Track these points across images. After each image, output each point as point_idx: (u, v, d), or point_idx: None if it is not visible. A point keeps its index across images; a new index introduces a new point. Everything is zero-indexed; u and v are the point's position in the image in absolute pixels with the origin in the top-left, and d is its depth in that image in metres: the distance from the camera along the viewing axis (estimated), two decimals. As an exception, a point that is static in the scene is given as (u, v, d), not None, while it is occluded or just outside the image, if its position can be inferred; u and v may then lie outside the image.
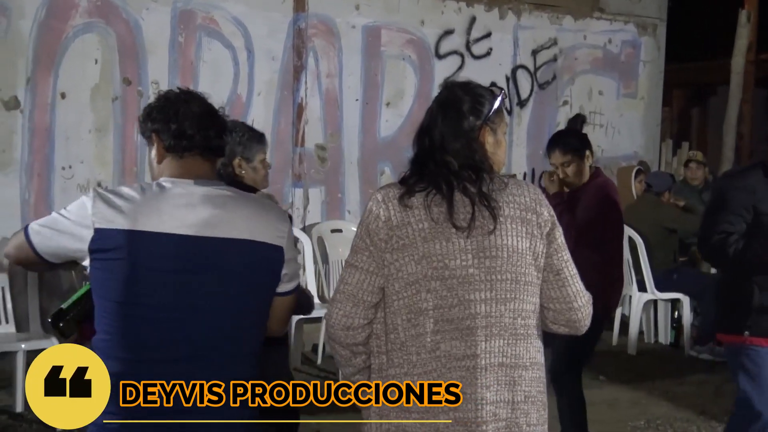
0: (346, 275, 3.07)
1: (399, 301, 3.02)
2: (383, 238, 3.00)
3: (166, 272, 2.96)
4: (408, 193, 3.02)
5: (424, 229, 2.98)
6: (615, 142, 11.07)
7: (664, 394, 7.73)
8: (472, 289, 2.98)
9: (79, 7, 7.49)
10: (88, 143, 7.59)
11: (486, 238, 2.99)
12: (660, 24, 11.35)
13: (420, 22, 9.41)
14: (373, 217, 3.02)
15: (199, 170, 3.11)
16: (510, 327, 3.02)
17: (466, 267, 2.98)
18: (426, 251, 2.98)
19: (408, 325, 3.01)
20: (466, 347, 2.98)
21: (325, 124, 8.80)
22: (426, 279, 2.98)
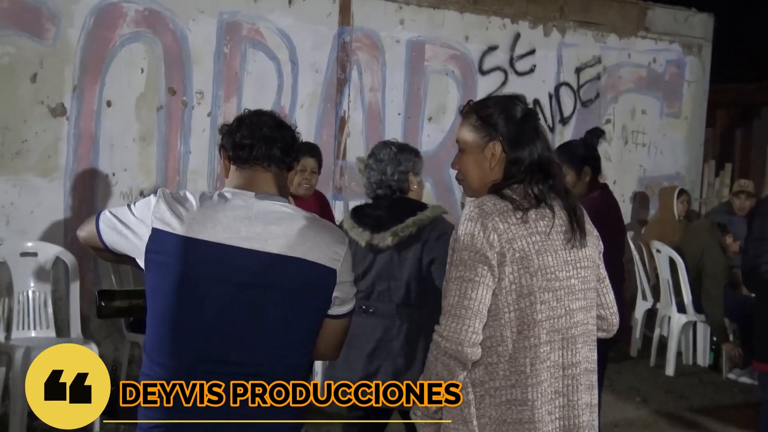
0: (466, 289, 3.03)
1: (510, 314, 3.06)
2: (499, 251, 3.03)
3: (215, 283, 2.98)
4: (520, 207, 3.08)
5: (537, 242, 3.07)
6: (657, 161, 11.01)
7: (701, 416, 7.68)
8: (574, 298, 3.14)
9: (126, 16, 7.56)
10: (132, 151, 7.64)
11: (579, 249, 3.17)
12: (705, 44, 11.30)
13: (464, 38, 9.42)
14: (490, 229, 3.03)
15: (261, 182, 3.13)
16: (592, 333, 3.23)
17: (570, 278, 3.13)
18: (541, 264, 3.06)
19: (519, 337, 3.05)
20: (571, 356, 3.13)
21: (367, 138, 8.82)
22: (540, 290, 3.06)
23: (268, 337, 3.02)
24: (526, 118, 3.23)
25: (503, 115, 3.20)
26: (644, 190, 10.91)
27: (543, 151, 3.19)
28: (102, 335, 7.41)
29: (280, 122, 3.24)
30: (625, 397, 8.17)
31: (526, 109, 3.25)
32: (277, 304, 3.02)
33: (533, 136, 3.20)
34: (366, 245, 4.60)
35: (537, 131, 3.22)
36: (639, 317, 9.63)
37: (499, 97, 3.33)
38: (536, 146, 3.18)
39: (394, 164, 4.71)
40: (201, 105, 7.95)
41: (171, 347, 3.00)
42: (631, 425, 7.44)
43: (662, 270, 9.22)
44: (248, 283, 2.99)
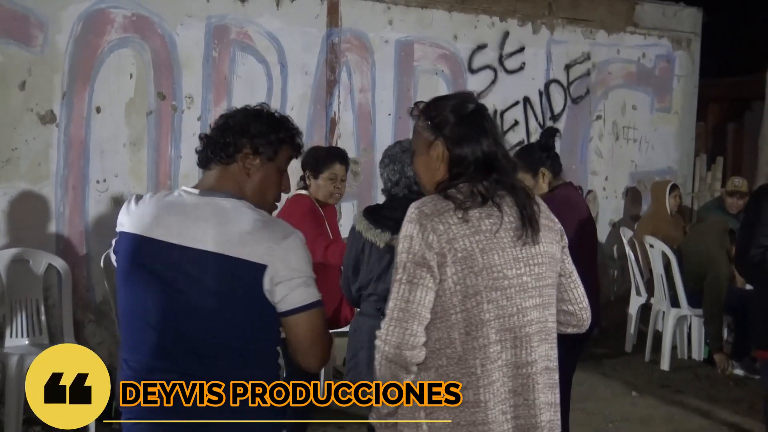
0: (404, 292, 2.99)
1: (457, 315, 2.99)
2: (439, 252, 2.97)
3: (150, 277, 3.07)
4: (461, 207, 3.02)
5: (481, 240, 3.00)
6: (649, 156, 11.03)
7: (697, 410, 7.69)
8: (527, 296, 3.06)
9: (114, 22, 7.55)
10: (123, 157, 7.64)
11: (532, 246, 3.09)
12: (694, 38, 11.32)
13: (453, 37, 9.43)
14: (429, 230, 2.98)
15: (206, 182, 3.20)
16: (551, 331, 3.16)
17: (521, 275, 3.05)
18: (486, 262, 2.99)
19: (467, 338, 2.99)
20: (526, 354, 3.05)
21: (358, 139, 8.82)
22: (487, 290, 2.99)
23: (198, 334, 3.05)
24: (471, 115, 3.15)
25: (447, 114, 3.15)
26: (636, 186, 10.94)
27: (489, 147, 3.11)
28: (96, 341, 7.41)
29: (254, 113, 3.27)
30: (620, 392, 8.18)
31: (471, 106, 3.18)
32: (205, 300, 3.03)
33: (477, 134, 3.12)
34: (385, 246, 4.54)
35: (482, 128, 3.14)
36: (633, 312, 9.64)
37: (445, 97, 3.28)
38: (480, 143, 3.11)
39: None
40: (191, 109, 7.94)
41: (126, 343, 3.14)
42: (626, 420, 7.44)
43: (655, 265, 9.23)
44: (177, 278, 3.04)
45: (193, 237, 3.04)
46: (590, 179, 10.60)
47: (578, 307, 3.31)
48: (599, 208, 10.67)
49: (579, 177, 10.48)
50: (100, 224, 7.51)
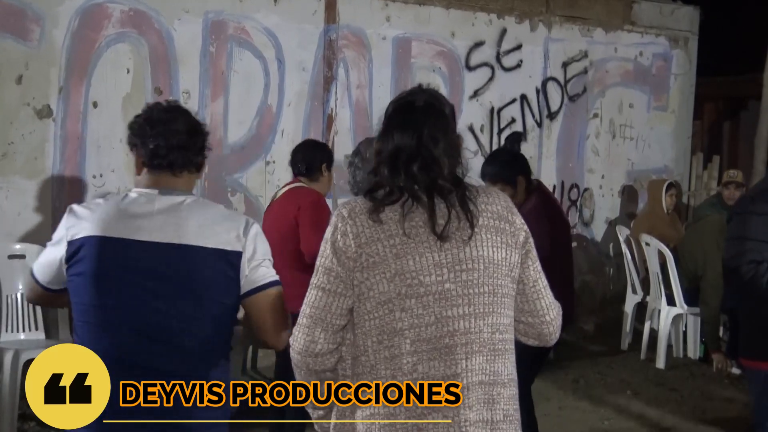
0: (311, 298, 2.89)
1: (370, 322, 2.84)
2: (351, 256, 2.83)
3: (123, 275, 3.15)
4: (377, 208, 2.85)
5: (396, 245, 2.81)
6: (645, 155, 11.03)
7: (691, 408, 7.69)
8: (449, 305, 2.81)
9: (111, 17, 7.54)
10: (120, 152, 7.62)
11: (461, 250, 2.83)
12: (692, 37, 11.32)
13: (450, 34, 9.42)
14: (340, 233, 2.85)
15: (169, 183, 3.30)
16: (489, 342, 2.86)
17: (442, 282, 2.81)
18: (399, 268, 2.80)
19: (380, 347, 2.84)
20: (445, 367, 2.81)
21: (355, 135, 8.81)
22: (400, 297, 2.80)
23: (178, 324, 3.17)
24: (395, 110, 2.96)
25: (384, 112, 3.02)
26: (632, 184, 10.94)
27: (404, 140, 2.87)
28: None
29: (193, 126, 3.38)
30: (616, 390, 8.19)
31: (403, 100, 2.98)
32: (184, 292, 3.17)
33: (392, 128, 2.92)
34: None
35: (401, 121, 2.92)
36: (629, 310, 9.64)
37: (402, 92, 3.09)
38: (393, 137, 2.90)
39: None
40: (188, 104, 7.87)
41: (93, 342, 3.17)
42: (621, 418, 7.45)
43: (651, 263, 9.23)
44: (153, 273, 3.15)
45: (172, 233, 3.17)
46: (587, 177, 10.60)
47: (539, 320, 3.03)
48: (595, 207, 10.67)
49: (575, 175, 10.49)
50: (96, 219, 7.49)
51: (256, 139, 8.32)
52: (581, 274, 10.52)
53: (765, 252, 4.37)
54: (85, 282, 3.18)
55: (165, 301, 3.15)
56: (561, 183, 10.34)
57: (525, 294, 2.99)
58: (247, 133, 8.29)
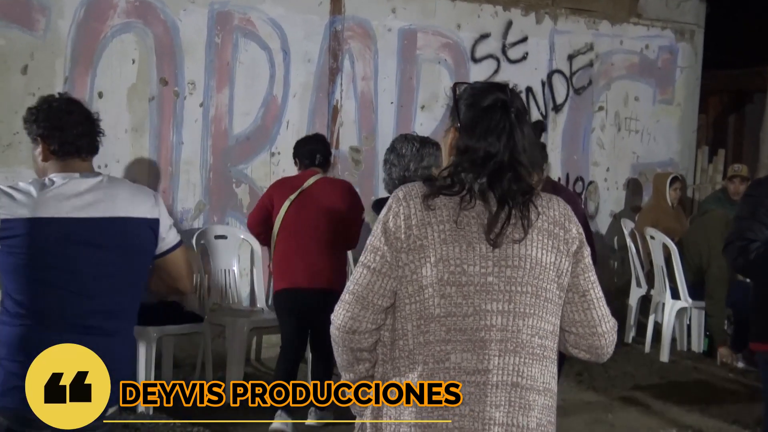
0: (357, 275, 2.90)
1: (411, 306, 2.83)
2: (400, 237, 2.82)
3: (64, 249, 3.48)
4: (433, 193, 2.84)
5: (445, 230, 2.79)
6: (650, 148, 11.01)
7: (695, 402, 7.69)
8: (489, 298, 2.79)
9: (117, 7, 7.54)
10: (125, 143, 7.64)
11: (510, 246, 2.81)
12: (698, 30, 11.30)
13: (456, 26, 9.41)
14: (393, 214, 2.85)
15: (80, 168, 3.63)
16: (527, 345, 2.81)
17: (485, 275, 2.79)
18: (444, 254, 2.78)
19: (417, 332, 2.82)
20: (477, 361, 2.78)
21: (360, 127, 8.81)
22: (441, 283, 2.78)
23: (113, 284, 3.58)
24: (491, 107, 2.90)
25: (468, 101, 2.94)
26: (637, 177, 10.92)
27: (492, 147, 2.85)
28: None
29: (89, 115, 3.74)
30: (619, 383, 8.19)
31: (496, 98, 2.91)
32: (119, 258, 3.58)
33: (493, 129, 2.87)
34: None
35: (501, 125, 2.88)
36: (633, 304, 9.64)
37: (476, 83, 3.05)
38: (487, 139, 2.87)
39: (417, 160, 4.67)
40: (193, 95, 7.94)
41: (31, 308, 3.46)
42: (625, 411, 7.45)
43: (656, 256, 9.23)
44: (92, 245, 3.52)
45: (104, 208, 3.55)
46: (591, 170, 10.59)
47: (590, 330, 2.95)
48: (600, 200, 10.66)
49: (580, 168, 10.48)
50: (101, 210, 7.50)
51: (261, 130, 8.32)
52: (586, 267, 10.51)
53: (760, 233, 4.44)
54: (28, 257, 3.45)
55: (103, 268, 3.53)
56: (566, 176, 10.33)
57: (575, 303, 2.93)
58: (252, 124, 8.28)
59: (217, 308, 7.76)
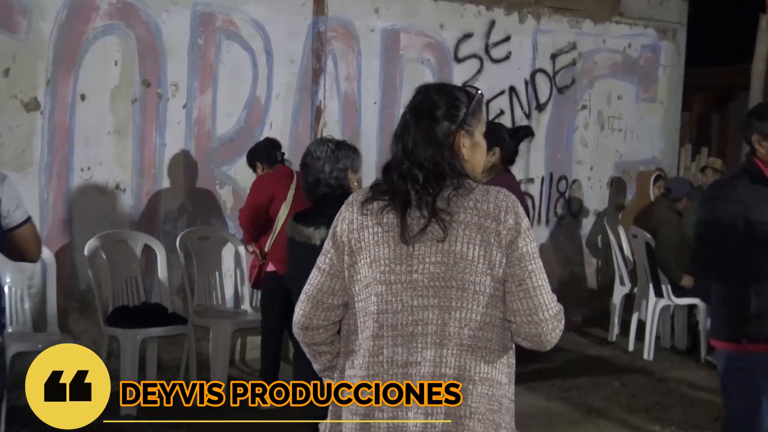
0: (310, 276, 3.11)
1: (357, 303, 3.03)
2: (344, 240, 3.01)
3: None
4: (370, 199, 3.01)
5: (378, 233, 2.96)
6: (634, 146, 11.05)
7: (679, 399, 7.72)
8: (415, 294, 2.93)
9: (99, 9, 7.53)
10: (108, 145, 7.63)
11: (434, 244, 2.92)
12: (680, 28, 11.33)
13: (439, 26, 9.42)
14: (340, 219, 3.06)
15: None
16: (455, 337, 2.92)
17: (411, 272, 2.93)
18: (376, 255, 2.96)
19: (362, 327, 3.01)
20: (407, 354, 2.93)
21: (344, 127, 8.82)
22: (375, 282, 2.96)
23: None
24: (409, 107, 3.08)
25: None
26: (621, 175, 10.96)
27: (397, 148, 3.04)
28: (79, 330, 7.40)
29: None
30: (603, 381, 8.21)
31: (416, 98, 3.08)
32: None
33: (403, 128, 3.05)
34: (321, 243, 4.50)
35: (399, 129, 3.06)
36: (617, 302, 9.68)
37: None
38: (401, 139, 3.04)
39: (332, 162, 4.63)
40: (176, 97, 7.93)
41: None
42: (609, 409, 7.47)
43: (639, 255, 9.26)
44: None
45: None
46: (575, 169, 10.62)
47: (526, 319, 2.96)
48: (584, 198, 10.69)
49: (564, 166, 10.51)
50: (84, 212, 7.51)
51: (245, 131, 8.31)
52: (570, 266, 10.56)
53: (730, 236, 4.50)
54: None
55: None
56: (549, 174, 10.36)
57: (513, 292, 2.95)
58: (236, 126, 8.28)
59: (201, 310, 7.76)
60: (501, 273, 2.94)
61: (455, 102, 3.05)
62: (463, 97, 3.07)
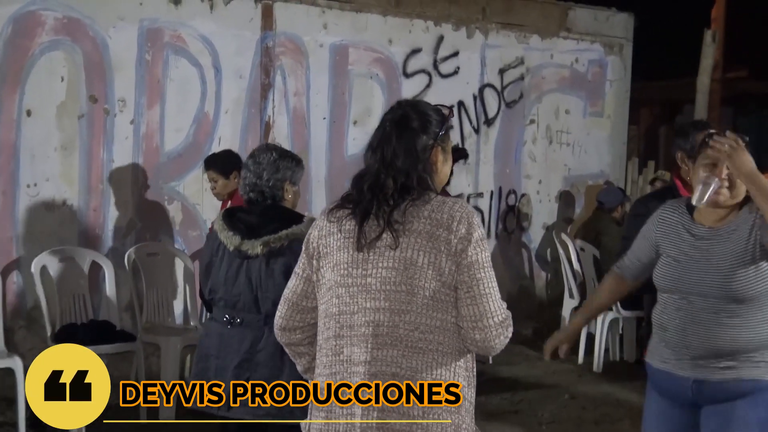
0: (289, 281, 3.38)
1: (322, 306, 3.25)
2: (315, 245, 3.26)
3: None
4: (337, 207, 3.25)
5: (341, 239, 3.18)
6: (582, 160, 11.13)
7: (628, 412, 7.77)
8: (369, 297, 3.12)
9: (45, 24, 7.47)
10: (54, 161, 7.56)
11: (387, 250, 3.11)
12: (626, 43, 11.44)
13: (388, 41, 9.44)
14: (313, 226, 3.31)
15: None
16: (405, 339, 3.09)
17: (366, 276, 3.13)
18: (338, 259, 3.18)
19: (323, 328, 3.22)
20: (361, 353, 3.11)
21: (293, 143, 8.80)
22: (336, 285, 3.17)
23: None
24: (390, 121, 3.26)
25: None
26: (570, 189, 11.03)
27: (371, 161, 3.22)
28: (26, 348, 7.31)
29: None
30: (553, 394, 8.26)
31: (384, 116, 3.30)
32: None
33: (382, 139, 3.23)
34: (234, 250, 4.55)
35: (387, 135, 3.22)
36: (566, 315, 9.74)
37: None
38: (380, 150, 3.21)
39: (272, 170, 4.63)
40: (123, 113, 7.88)
41: None
42: (559, 422, 7.52)
43: (587, 268, 9.33)
44: None
45: None
46: (524, 183, 10.68)
47: (472, 324, 3.10)
48: (533, 212, 10.75)
49: (513, 181, 10.56)
50: (30, 229, 7.43)
51: (193, 146, 8.27)
52: (519, 279, 10.61)
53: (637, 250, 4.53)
54: None
55: None
56: (498, 189, 10.41)
57: (461, 299, 3.10)
58: (184, 141, 8.24)
59: (150, 327, 7.70)
60: (451, 279, 3.11)
61: (431, 119, 3.26)
62: (439, 115, 3.31)
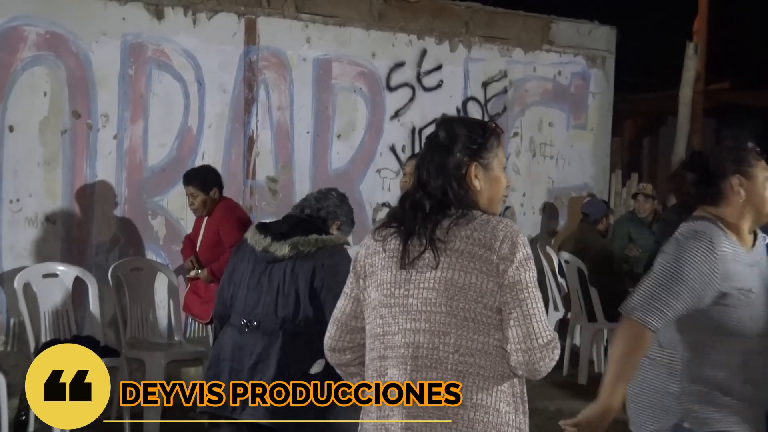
0: (338, 301, 3.32)
1: (368, 326, 3.19)
2: (362, 265, 3.21)
3: None
4: (383, 226, 3.20)
5: (384, 258, 3.13)
6: (565, 173, 11.14)
7: (613, 424, 7.75)
8: (410, 318, 3.05)
9: (28, 39, 7.46)
10: (37, 176, 7.54)
11: (429, 270, 3.04)
12: (609, 56, 11.46)
13: (371, 55, 9.45)
14: (361, 245, 3.26)
15: None
16: (444, 361, 3.01)
17: (407, 296, 3.06)
18: (382, 279, 3.12)
19: (370, 348, 3.17)
20: (400, 375, 3.04)
21: (276, 157, 8.80)
22: (380, 305, 3.12)
23: None
24: (427, 139, 3.30)
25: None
26: (553, 201, 11.04)
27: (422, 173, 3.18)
28: (10, 364, 7.28)
29: None
30: (538, 407, 8.23)
31: (434, 131, 3.27)
32: None
33: (422, 158, 3.23)
34: (261, 251, 4.57)
35: (425, 154, 3.25)
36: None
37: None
38: (419, 169, 3.22)
39: (333, 205, 4.82)
40: (106, 128, 7.87)
41: None
42: (544, 435, 7.51)
43: (571, 280, 9.34)
44: None
45: None
46: (508, 195, 10.67)
47: (516, 347, 3.00)
48: (517, 224, 10.73)
49: (497, 193, 10.54)
50: (13, 245, 7.41)
51: (177, 161, 8.26)
52: (504, 292, 10.59)
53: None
54: None
55: None
56: (483, 201, 10.39)
57: (505, 320, 3.01)
58: (168, 156, 8.23)
59: (135, 342, 7.67)
60: (493, 301, 3.02)
61: (470, 135, 3.18)
62: (478, 130, 3.21)
